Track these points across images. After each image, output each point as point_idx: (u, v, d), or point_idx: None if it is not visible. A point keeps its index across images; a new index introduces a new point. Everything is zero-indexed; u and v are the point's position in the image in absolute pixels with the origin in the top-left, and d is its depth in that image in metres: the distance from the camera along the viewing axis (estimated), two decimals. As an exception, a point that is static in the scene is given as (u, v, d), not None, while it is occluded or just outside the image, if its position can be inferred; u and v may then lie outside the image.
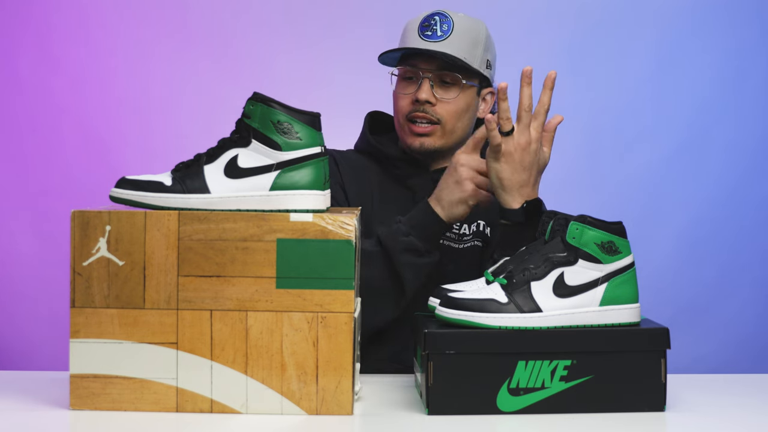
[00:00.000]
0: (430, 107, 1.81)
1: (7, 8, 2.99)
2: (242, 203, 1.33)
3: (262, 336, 1.32)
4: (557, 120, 1.65)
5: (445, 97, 1.81)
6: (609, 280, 1.38)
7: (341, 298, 1.32)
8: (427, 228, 1.69)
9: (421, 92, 1.80)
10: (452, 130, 1.83)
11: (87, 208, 1.34)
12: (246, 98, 1.35)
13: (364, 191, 1.86)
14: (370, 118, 1.96)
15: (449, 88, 1.82)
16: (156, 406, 1.33)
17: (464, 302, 1.36)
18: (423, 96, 1.79)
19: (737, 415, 1.38)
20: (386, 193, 1.87)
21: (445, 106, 1.81)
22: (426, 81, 1.80)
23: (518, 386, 1.35)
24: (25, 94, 3.00)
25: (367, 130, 1.93)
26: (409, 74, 1.83)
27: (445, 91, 1.82)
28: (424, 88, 1.80)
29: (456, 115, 1.82)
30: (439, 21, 1.80)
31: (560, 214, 1.40)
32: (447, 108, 1.81)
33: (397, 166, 1.88)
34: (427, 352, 1.34)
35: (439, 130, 1.82)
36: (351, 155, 1.92)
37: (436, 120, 1.81)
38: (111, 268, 1.32)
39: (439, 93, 1.81)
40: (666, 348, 1.37)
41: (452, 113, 1.82)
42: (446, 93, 1.81)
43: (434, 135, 1.82)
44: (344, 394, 1.33)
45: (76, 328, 1.32)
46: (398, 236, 1.67)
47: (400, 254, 1.66)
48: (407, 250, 1.67)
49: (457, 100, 1.82)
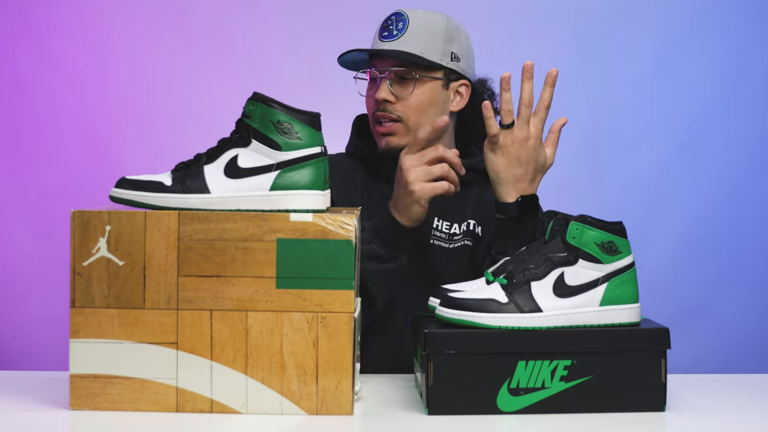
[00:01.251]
0: (390, 105, 1.81)
1: (7, 8, 2.99)
2: (242, 203, 1.33)
3: (262, 336, 1.32)
4: (562, 122, 1.65)
5: (402, 93, 1.81)
6: (609, 280, 1.38)
7: (341, 298, 1.32)
8: (387, 233, 1.69)
9: (379, 92, 1.81)
10: (416, 126, 1.81)
11: (87, 208, 1.34)
12: (246, 98, 1.35)
13: (352, 192, 1.87)
14: (357, 122, 1.96)
15: (405, 84, 1.81)
16: (156, 406, 1.32)
17: (464, 302, 1.36)
18: (380, 95, 1.80)
19: (737, 415, 1.38)
20: (373, 192, 1.87)
21: (404, 103, 1.81)
22: (384, 81, 1.81)
23: (518, 386, 1.35)
24: (25, 94, 3.00)
25: (354, 133, 1.95)
26: (372, 76, 1.85)
27: (403, 87, 1.81)
28: (382, 87, 1.81)
29: (417, 110, 1.81)
30: (395, 20, 1.82)
31: (560, 214, 1.40)
32: (406, 104, 1.81)
33: (382, 167, 1.88)
34: (427, 352, 1.34)
35: (402, 128, 1.81)
36: (339, 159, 1.92)
37: (397, 118, 1.81)
38: (111, 268, 1.32)
39: (397, 90, 1.81)
40: (666, 348, 1.37)
41: (413, 109, 1.81)
42: (404, 89, 1.81)
43: (398, 133, 1.82)
44: (344, 394, 1.33)
45: (76, 328, 1.32)
46: (362, 245, 1.67)
47: (364, 262, 1.65)
48: (370, 258, 1.67)
49: (416, 96, 1.81)
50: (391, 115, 1.81)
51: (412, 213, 1.68)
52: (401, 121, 1.82)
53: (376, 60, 1.83)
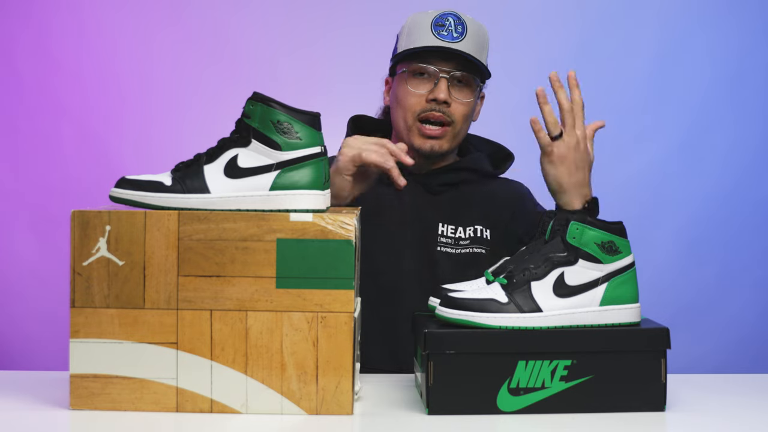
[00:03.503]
0: (446, 107, 1.77)
1: (8, 8, 2.99)
2: (242, 203, 1.33)
3: (262, 336, 1.32)
4: (598, 124, 1.67)
5: (459, 98, 1.78)
6: (609, 280, 1.38)
7: (341, 298, 1.32)
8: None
9: (440, 92, 1.76)
10: (460, 133, 1.81)
11: (87, 208, 1.34)
12: (246, 98, 1.35)
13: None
14: (352, 123, 1.91)
15: (462, 89, 1.79)
16: (156, 406, 1.32)
17: (464, 302, 1.36)
18: (442, 96, 1.75)
19: (737, 415, 1.38)
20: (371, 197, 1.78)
21: (459, 108, 1.78)
22: (443, 80, 1.76)
23: (518, 386, 1.35)
24: (25, 93, 3.00)
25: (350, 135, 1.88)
26: (421, 72, 1.79)
27: (459, 91, 1.78)
28: (442, 87, 1.76)
29: (465, 117, 1.80)
30: (453, 22, 1.76)
31: (560, 213, 1.40)
32: (460, 109, 1.78)
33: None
34: (427, 352, 1.34)
35: (450, 133, 1.79)
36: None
37: (449, 121, 1.78)
38: (111, 268, 1.32)
39: (454, 93, 1.78)
40: (666, 348, 1.37)
41: (463, 115, 1.79)
42: (460, 94, 1.78)
43: (445, 137, 1.79)
44: (344, 394, 1.33)
45: (76, 328, 1.32)
46: None
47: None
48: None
49: (470, 103, 1.79)
50: (444, 118, 1.77)
51: (335, 184, 1.62)
52: (450, 126, 1.79)
53: (431, 57, 1.77)
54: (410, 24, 1.81)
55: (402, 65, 1.81)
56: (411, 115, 1.79)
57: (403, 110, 1.81)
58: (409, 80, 1.79)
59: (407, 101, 1.79)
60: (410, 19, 1.82)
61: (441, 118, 1.77)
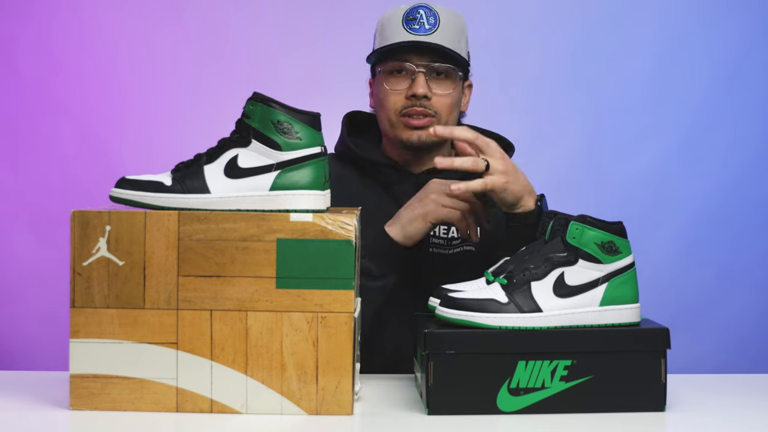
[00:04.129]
0: (426, 101, 1.76)
1: (8, 8, 2.99)
2: (242, 203, 1.33)
3: (262, 336, 1.32)
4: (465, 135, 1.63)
5: (439, 90, 1.77)
6: (609, 280, 1.38)
7: (341, 298, 1.32)
8: (379, 250, 1.66)
9: (418, 87, 1.75)
10: (447, 124, 1.78)
11: (87, 208, 1.34)
12: (246, 98, 1.35)
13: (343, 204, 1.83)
14: (347, 120, 1.90)
15: (442, 81, 1.77)
16: (156, 406, 1.32)
17: (464, 302, 1.36)
18: (420, 91, 1.75)
19: (737, 415, 1.38)
20: (368, 201, 1.78)
21: (441, 100, 1.77)
22: (420, 75, 1.75)
23: (518, 386, 1.35)
24: (25, 93, 3.00)
25: (346, 133, 1.88)
26: (398, 69, 1.78)
27: (439, 84, 1.77)
28: (420, 82, 1.75)
29: (449, 108, 1.79)
30: (424, 14, 1.75)
31: (560, 214, 1.40)
32: (442, 101, 1.77)
33: (380, 172, 1.84)
34: (427, 352, 1.34)
35: (435, 123, 1.77)
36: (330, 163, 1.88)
37: (432, 113, 1.77)
38: (111, 268, 1.32)
39: (434, 86, 1.77)
40: (666, 348, 1.37)
41: (447, 106, 1.78)
42: (440, 86, 1.77)
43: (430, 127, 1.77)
44: (344, 394, 1.33)
45: (76, 328, 1.32)
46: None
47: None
48: (361, 274, 1.62)
49: (452, 94, 1.78)
50: (426, 111, 1.76)
51: (412, 228, 1.65)
52: (435, 117, 1.77)
53: (405, 52, 1.76)
54: (383, 21, 1.80)
55: (379, 65, 1.81)
56: (393, 113, 1.79)
57: (385, 110, 1.80)
58: (386, 79, 1.79)
59: (387, 101, 1.79)
60: (382, 17, 1.81)
61: (423, 112, 1.77)
